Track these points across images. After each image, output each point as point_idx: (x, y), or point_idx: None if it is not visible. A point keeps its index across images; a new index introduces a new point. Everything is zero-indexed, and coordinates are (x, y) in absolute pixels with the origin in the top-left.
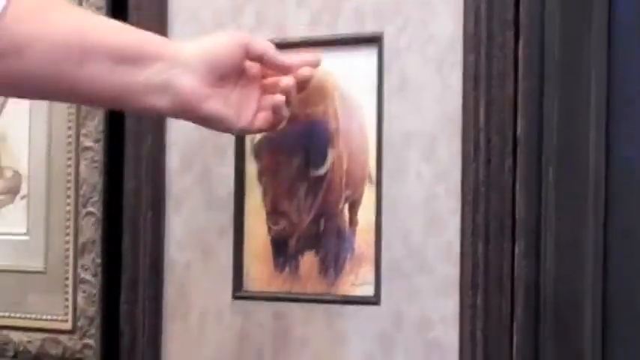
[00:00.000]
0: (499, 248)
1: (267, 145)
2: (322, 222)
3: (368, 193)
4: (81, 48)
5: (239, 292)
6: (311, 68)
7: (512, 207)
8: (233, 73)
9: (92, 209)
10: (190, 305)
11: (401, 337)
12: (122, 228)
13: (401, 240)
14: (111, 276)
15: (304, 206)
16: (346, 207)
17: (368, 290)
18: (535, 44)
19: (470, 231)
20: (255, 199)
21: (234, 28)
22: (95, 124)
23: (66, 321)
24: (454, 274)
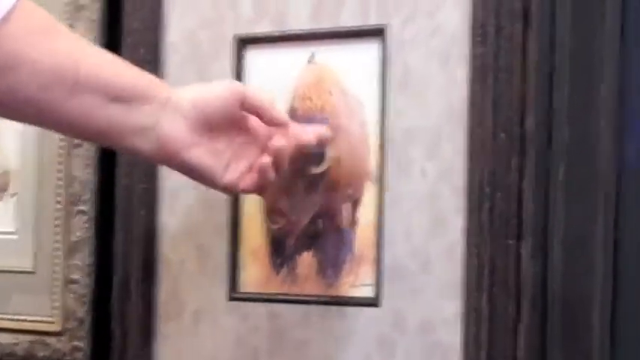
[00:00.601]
0: (505, 248)
1: None
2: (321, 221)
3: (369, 192)
4: (73, 79)
5: (234, 293)
6: (315, 136)
7: (518, 206)
8: (226, 124)
9: (83, 207)
10: (184, 306)
11: (402, 340)
12: (115, 226)
13: (403, 240)
14: (102, 276)
15: (302, 205)
16: (346, 206)
17: (368, 291)
18: (545, 36)
19: (474, 230)
20: (251, 198)
21: (232, 19)
22: None
23: (54, 322)
24: (458, 275)
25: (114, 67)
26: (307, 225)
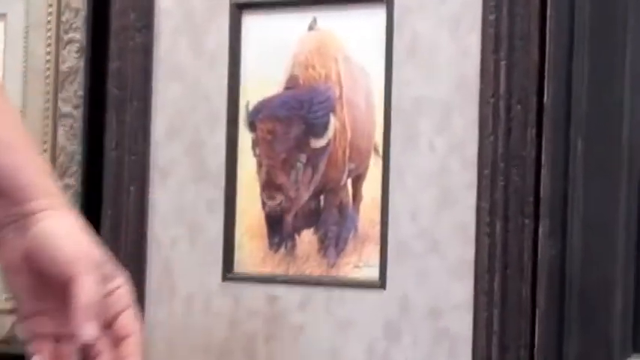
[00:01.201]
0: (520, 228)
1: (262, 113)
2: (322, 197)
3: (373, 166)
4: None
5: (229, 274)
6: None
7: (535, 182)
8: (56, 282)
9: (70, 181)
10: (176, 287)
11: (408, 325)
12: (102, 202)
13: (409, 218)
14: None
15: (303, 180)
16: (349, 181)
17: (372, 273)
18: (564, 1)
19: (487, 208)
20: (248, 172)
21: None
22: (74, 89)
23: None
24: (468, 256)
25: (5, 152)
26: (307, 201)
